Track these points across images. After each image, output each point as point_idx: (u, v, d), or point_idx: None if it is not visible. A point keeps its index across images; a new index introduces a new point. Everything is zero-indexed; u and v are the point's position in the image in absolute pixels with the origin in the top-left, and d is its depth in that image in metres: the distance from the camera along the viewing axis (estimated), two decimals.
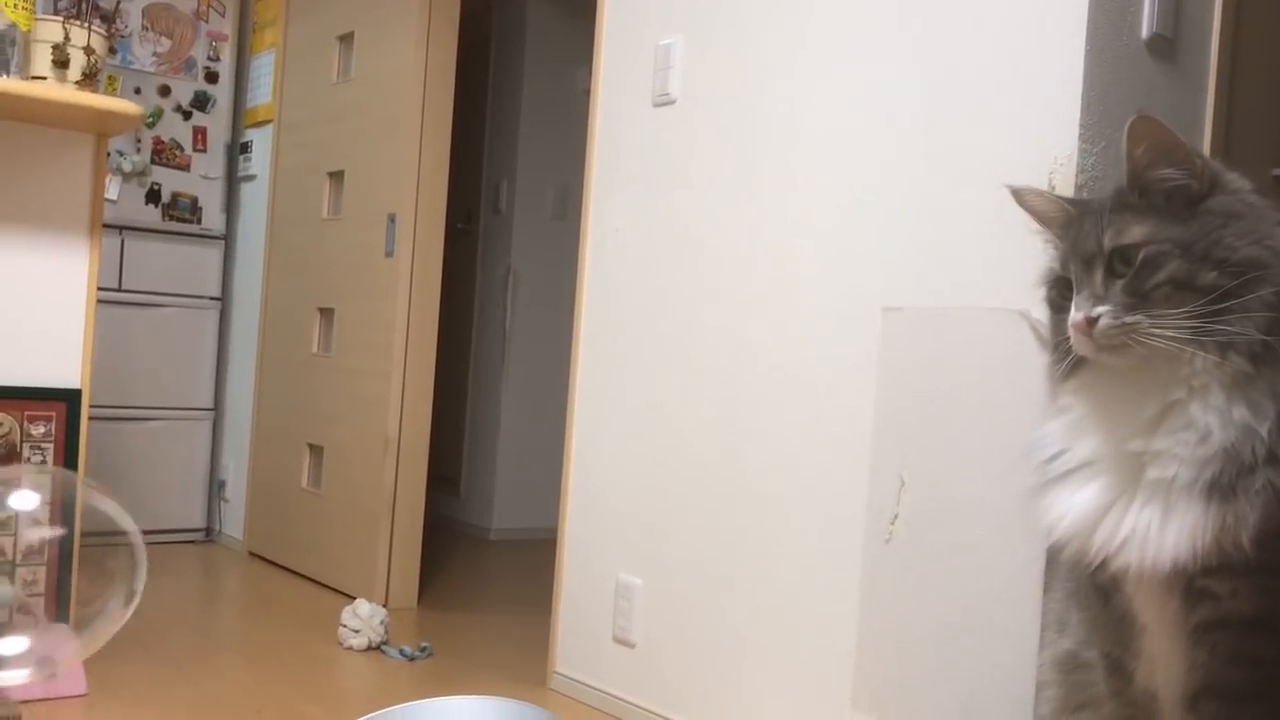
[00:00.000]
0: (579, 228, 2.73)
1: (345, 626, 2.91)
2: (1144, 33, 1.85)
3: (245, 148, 4.28)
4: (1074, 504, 1.21)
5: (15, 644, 0.56)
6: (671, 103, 2.46)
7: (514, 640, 3.09)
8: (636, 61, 2.57)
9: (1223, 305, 1.12)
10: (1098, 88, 1.78)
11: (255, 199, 4.22)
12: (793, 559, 2.15)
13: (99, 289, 3.32)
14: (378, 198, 3.50)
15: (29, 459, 2.50)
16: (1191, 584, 1.16)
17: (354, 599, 3.07)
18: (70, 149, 2.50)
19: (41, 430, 2.51)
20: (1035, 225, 1.36)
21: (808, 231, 2.16)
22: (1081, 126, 1.77)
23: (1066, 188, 1.77)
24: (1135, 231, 1.18)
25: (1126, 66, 1.84)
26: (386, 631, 2.93)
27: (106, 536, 2.21)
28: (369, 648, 2.89)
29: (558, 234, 4.88)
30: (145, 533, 4.08)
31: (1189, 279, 1.14)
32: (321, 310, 3.77)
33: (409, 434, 3.43)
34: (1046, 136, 1.80)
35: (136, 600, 0.56)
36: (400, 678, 2.70)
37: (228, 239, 4.29)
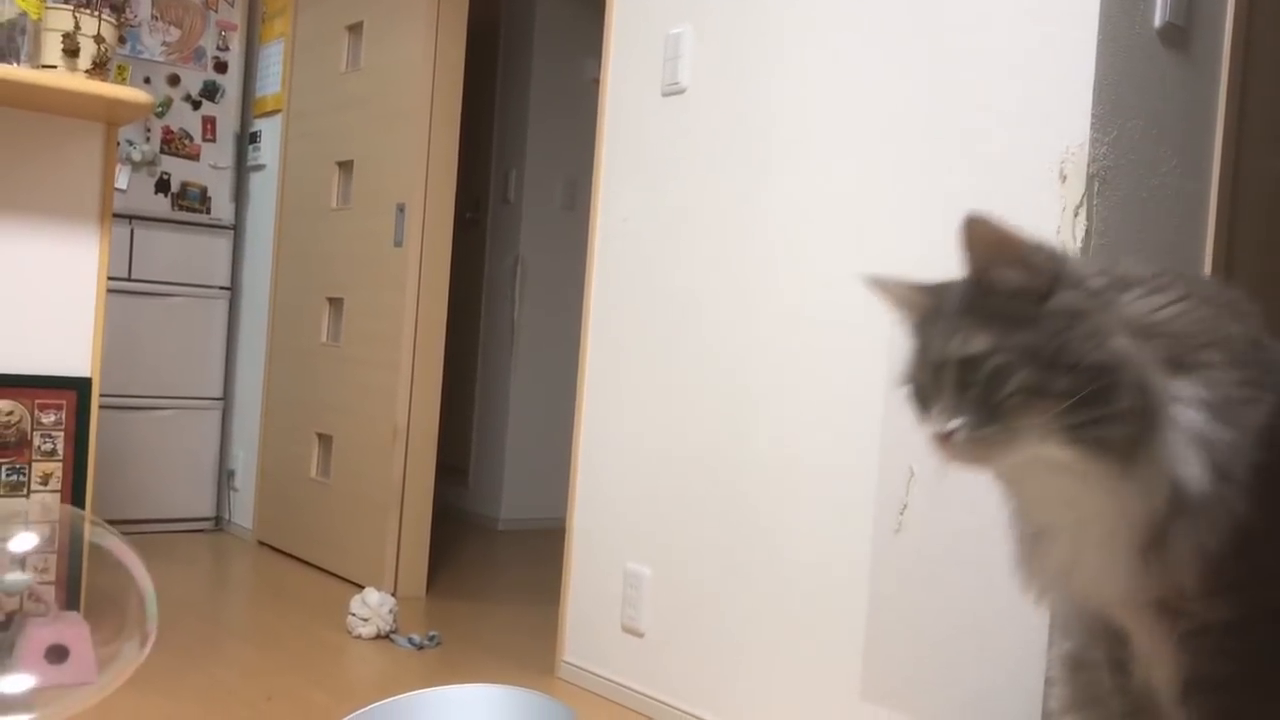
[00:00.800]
0: (588, 218, 2.73)
1: (354, 615, 2.92)
2: (1156, 21, 1.85)
3: (254, 137, 4.29)
4: (1044, 566, 1.23)
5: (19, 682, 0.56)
6: (681, 92, 2.46)
7: (522, 629, 3.10)
8: (646, 51, 2.56)
9: (1082, 411, 1.09)
10: (1110, 76, 1.78)
11: (264, 189, 4.22)
12: (802, 548, 2.15)
13: (109, 278, 3.32)
14: (386, 188, 3.50)
15: (39, 446, 2.51)
16: (1165, 608, 1.18)
17: (362, 588, 3.08)
18: (80, 138, 2.50)
19: (52, 418, 2.52)
20: (897, 315, 1.31)
21: (818, 220, 2.15)
22: (1093, 116, 1.76)
23: (1078, 177, 1.76)
24: (980, 340, 1.14)
25: (1139, 55, 1.83)
26: (395, 620, 2.94)
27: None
28: (378, 636, 2.89)
29: (566, 224, 4.88)
30: (154, 521, 4.10)
31: (1040, 387, 1.11)
32: (330, 300, 3.77)
33: (417, 424, 3.43)
34: (1058, 125, 1.79)
35: (151, 641, 0.56)
36: (409, 666, 2.70)
37: (237, 229, 4.30)
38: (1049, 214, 1.80)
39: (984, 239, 1.16)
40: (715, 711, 2.30)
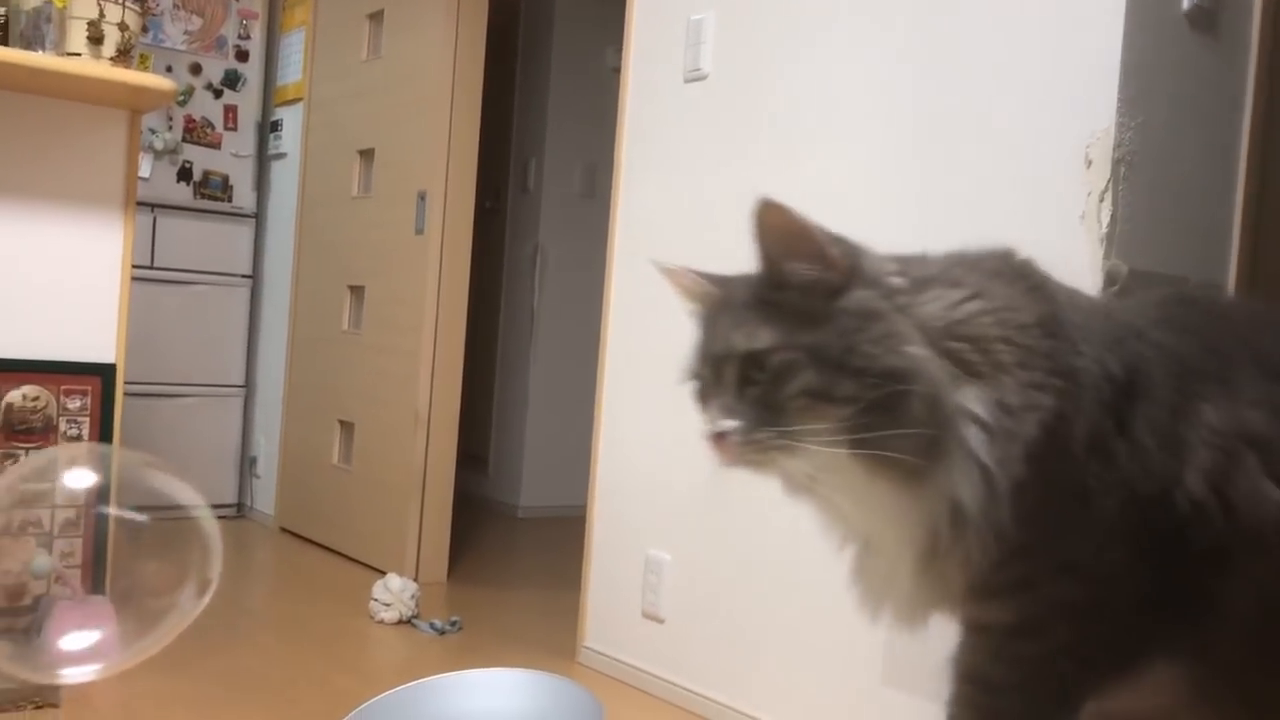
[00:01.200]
0: (607, 206, 2.73)
1: (376, 600, 2.93)
2: (1184, 3, 1.83)
3: (275, 126, 4.30)
4: (869, 581, 1.20)
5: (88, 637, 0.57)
6: (703, 78, 2.45)
7: (542, 615, 3.11)
8: (668, 36, 2.56)
9: (867, 419, 1.03)
10: (1137, 60, 1.77)
11: (286, 177, 4.24)
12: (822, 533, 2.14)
13: (132, 266, 3.33)
14: (407, 175, 3.51)
15: (65, 432, 2.52)
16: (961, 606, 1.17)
17: (384, 573, 3.09)
18: (104, 125, 2.51)
19: (77, 404, 2.53)
20: (687, 306, 1.24)
21: (842, 206, 2.15)
22: (1120, 100, 1.75)
23: (1104, 162, 1.75)
24: (765, 335, 1.06)
25: (1167, 38, 1.82)
26: (417, 605, 2.95)
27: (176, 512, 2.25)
28: (400, 621, 2.91)
29: (586, 212, 4.88)
30: (177, 507, 4.12)
31: (825, 390, 1.03)
32: (351, 288, 3.78)
33: (439, 410, 3.44)
34: (1083, 110, 1.78)
35: (212, 590, 0.55)
36: (431, 651, 2.72)
37: (258, 217, 4.31)
38: (1074, 200, 1.79)
39: (776, 228, 1.08)
40: (736, 696, 2.30)
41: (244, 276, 4.25)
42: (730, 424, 1.07)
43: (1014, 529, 1.06)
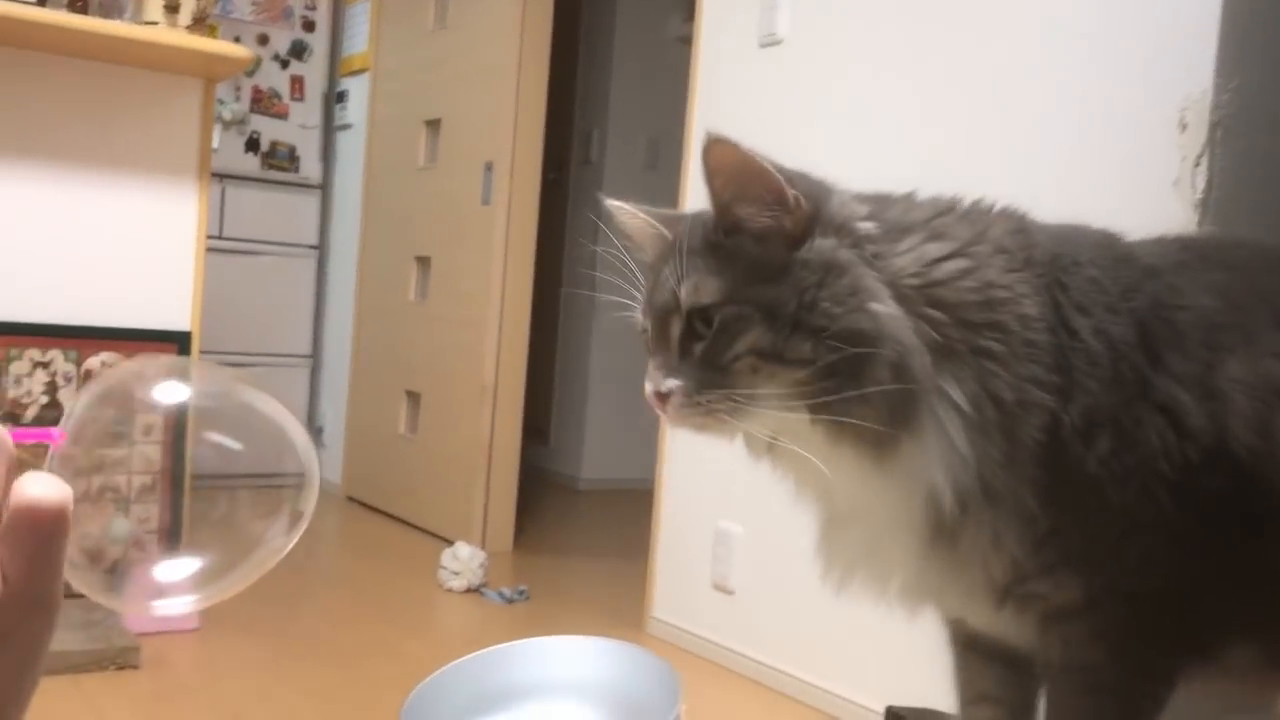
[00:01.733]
0: (670, 178, 2.70)
1: (445, 568, 2.95)
2: None
3: (341, 96, 4.32)
4: (839, 552, 1.10)
5: (182, 567, 0.55)
6: (778, 43, 2.41)
7: (608, 586, 3.11)
8: (741, 1, 2.52)
9: (829, 385, 0.92)
10: (1235, 21, 1.70)
11: (352, 148, 4.25)
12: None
13: None
14: (474, 146, 3.50)
15: (142, 400, 2.56)
16: (1010, 593, 1.05)
17: (450, 542, 3.11)
18: (179, 94, 2.53)
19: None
20: (637, 254, 1.12)
21: (920, 175, 2.10)
22: (1217, 61, 1.69)
23: (1199, 126, 1.70)
24: (712, 287, 0.96)
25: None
26: (485, 574, 2.97)
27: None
28: (468, 590, 2.92)
29: (649, 184, 4.85)
30: (245, 476, 4.17)
31: (776, 350, 0.93)
32: (418, 259, 3.80)
33: (504, 381, 3.45)
34: (1178, 72, 1.73)
35: (303, 524, 0.53)
36: (499, 619, 2.73)
37: (325, 187, 4.34)
38: (1167, 165, 1.74)
39: (728, 166, 0.97)
40: (807, 669, 2.29)
41: (310, 247, 4.29)
42: (671, 384, 0.98)
43: (1038, 511, 0.99)
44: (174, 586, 0.61)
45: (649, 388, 1.00)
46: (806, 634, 2.30)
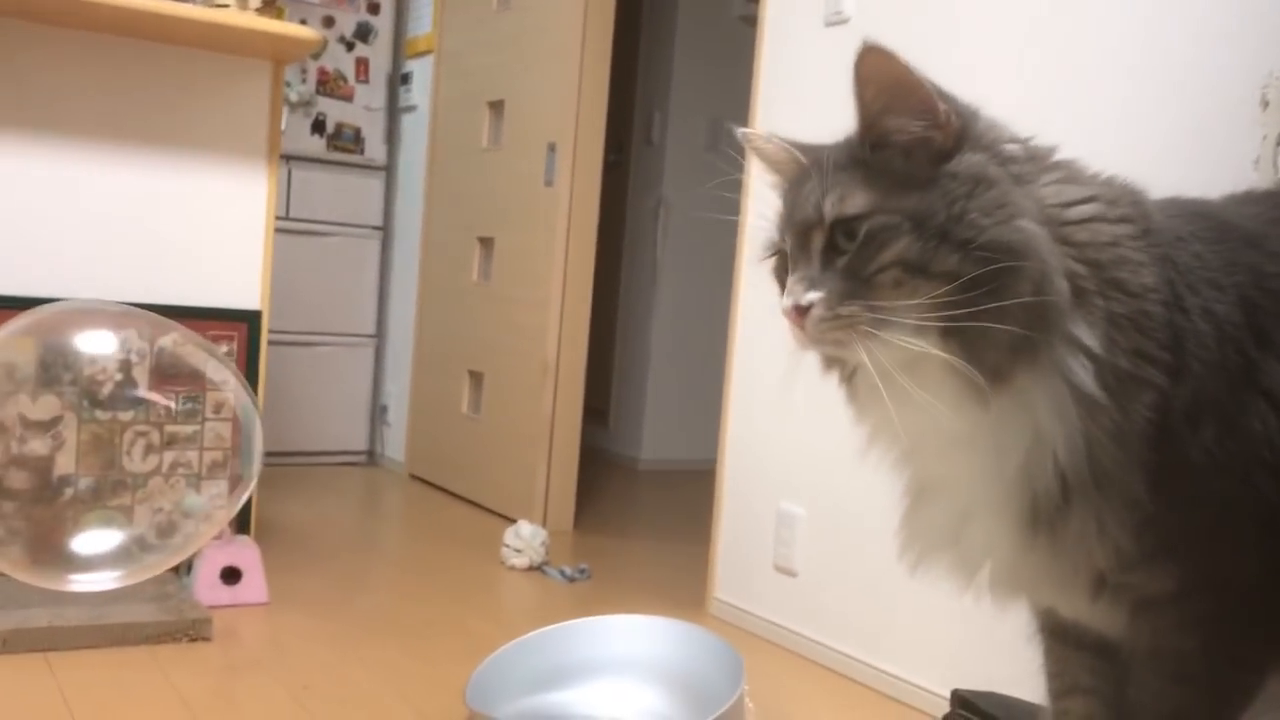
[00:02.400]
0: (731, 159, 2.69)
1: (508, 546, 2.98)
2: None
3: (406, 78, 4.34)
4: (923, 528, 1.06)
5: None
6: (845, 21, 2.39)
7: (669, 566, 3.12)
8: None
9: (966, 299, 0.89)
10: None
11: (416, 129, 4.28)
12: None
13: None
14: (537, 127, 3.51)
15: (210, 378, 2.60)
16: (1107, 583, 1.02)
17: (511, 521, 3.13)
18: (249, 76, 2.56)
19: (224, 349, 2.61)
20: (770, 179, 1.12)
21: None
22: None
23: (1279, 108, 1.66)
24: (859, 199, 0.94)
25: None
26: (547, 553, 2.99)
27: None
28: (530, 568, 2.95)
29: (711, 165, 4.83)
30: (310, 454, 4.24)
31: (922, 262, 0.91)
32: (481, 239, 3.82)
33: (566, 361, 3.46)
34: (1260, 49, 1.68)
35: (248, 489, 0.52)
36: (561, 597, 2.75)
37: (389, 169, 4.37)
38: (1244, 144, 1.70)
39: (879, 77, 0.97)
40: (870, 651, 2.28)
41: (375, 228, 4.33)
42: (813, 295, 0.95)
43: (1144, 497, 0.96)
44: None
45: (788, 302, 0.97)
46: (870, 617, 2.29)
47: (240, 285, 2.59)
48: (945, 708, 1.90)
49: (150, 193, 2.48)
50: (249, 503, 2.63)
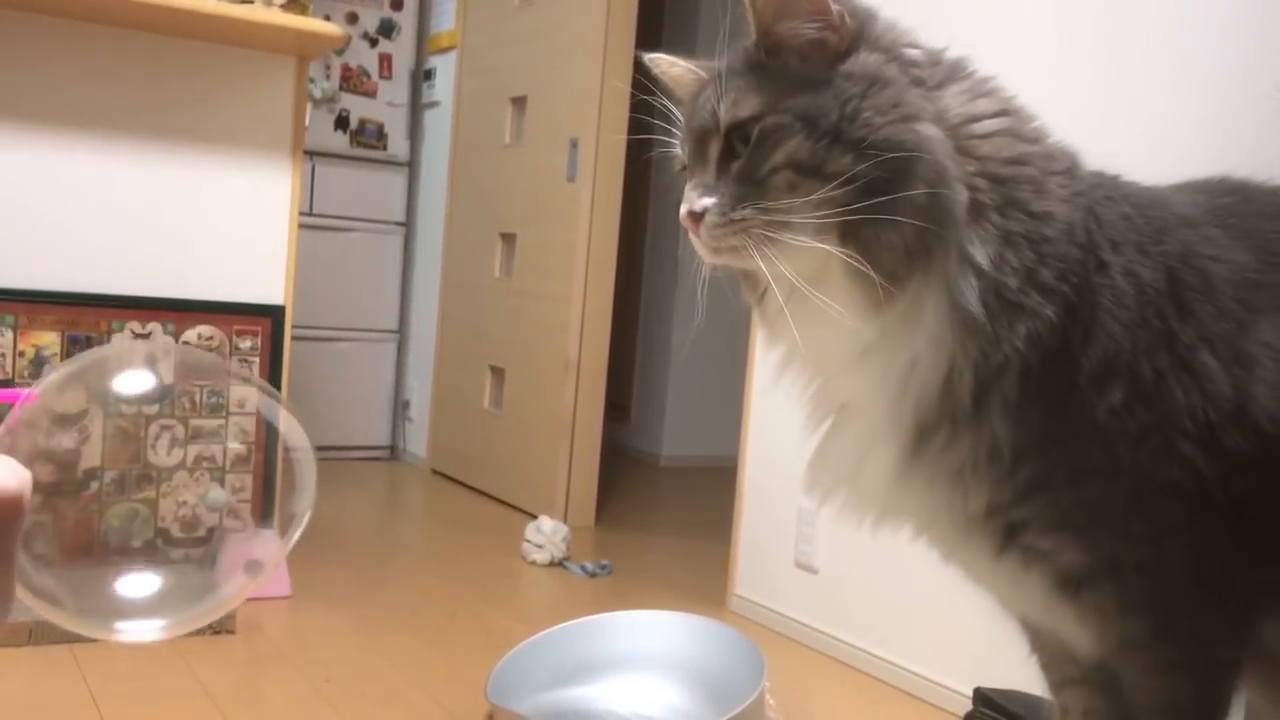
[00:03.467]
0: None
1: (529, 541, 2.98)
2: None
3: (429, 74, 4.35)
4: (827, 460, 1.04)
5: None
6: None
7: (690, 562, 3.12)
8: None
9: (861, 199, 0.87)
10: None
11: (438, 125, 4.29)
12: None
13: None
14: (559, 123, 3.51)
15: (235, 374, 2.62)
16: (1009, 543, 0.97)
17: (533, 516, 3.14)
18: (274, 72, 2.57)
19: (248, 344, 2.62)
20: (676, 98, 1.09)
21: None
22: None
23: None
24: (753, 101, 0.92)
25: None
26: (568, 548, 2.99)
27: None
28: (551, 563, 2.95)
29: None
30: (333, 449, 4.26)
31: (814, 162, 0.89)
32: (503, 235, 3.82)
33: (588, 357, 3.46)
34: None
35: (301, 527, 0.51)
36: (582, 593, 2.75)
37: (412, 165, 4.38)
38: (1271, 135, 1.68)
39: None
40: (892, 649, 2.27)
41: (398, 224, 4.34)
42: (707, 201, 0.93)
43: (1004, 441, 0.92)
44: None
45: (683, 209, 0.95)
46: (891, 614, 2.28)
47: (264, 280, 2.60)
48: (968, 705, 1.90)
49: (175, 188, 2.49)
50: (272, 496, 2.64)
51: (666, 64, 1.07)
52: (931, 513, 1.00)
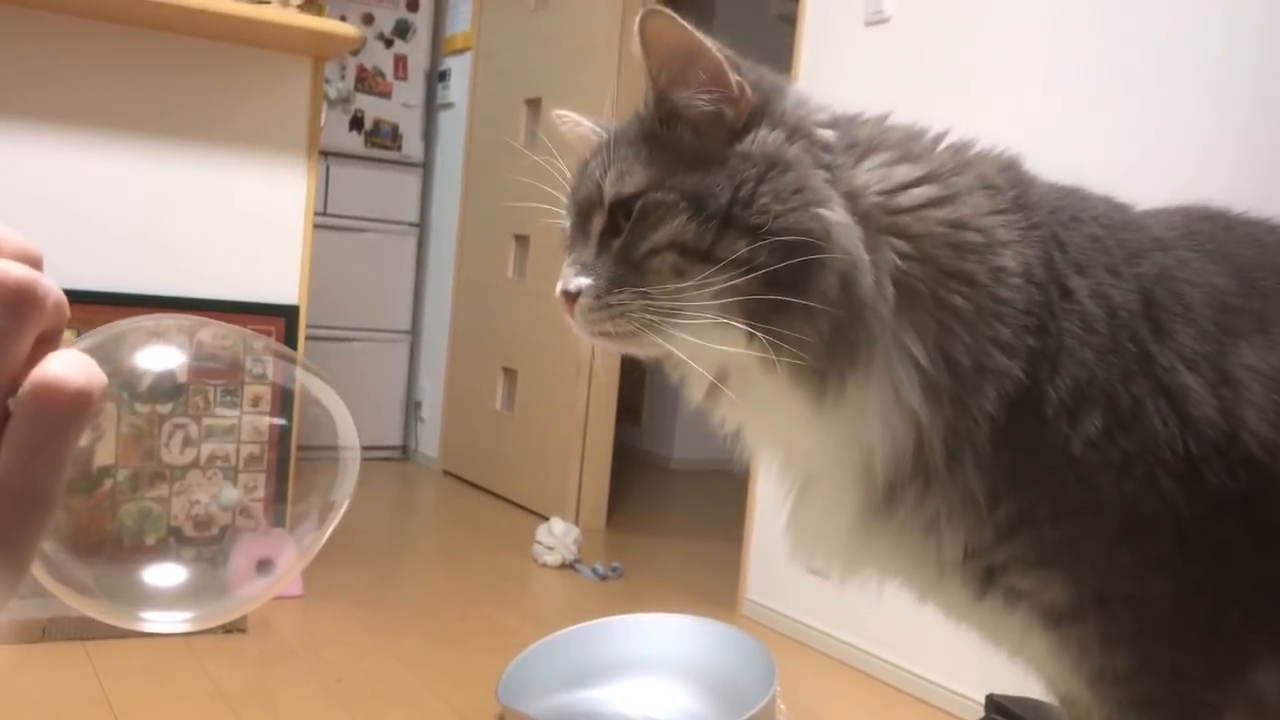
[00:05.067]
0: None
1: (540, 543, 2.98)
2: None
3: (444, 75, 4.36)
4: (800, 522, 0.97)
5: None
6: (885, 21, 2.37)
7: (701, 565, 3.11)
8: None
9: (764, 292, 0.80)
10: None
11: (453, 126, 4.30)
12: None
13: None
14: None
15: (250, 370, 2.62)
16: (989, 585, 0.92)
17: (544, 518, 3.14)
18: (290, 72, 2.58)
19: (262, 344, 2.63)
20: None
21: (1031, 153, 2.05)
22: None
23: None
24: (639, 176, 0.85)
25: None
26: (579, 550, 2.99)
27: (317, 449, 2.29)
28: (562, 565, 2.95)
29: None
30: (345, 448, 4.25)
31: (701, 245, 0.81)
32: (516, 237, 3.82)
33: (600, 360, 3.46)
34: None
35: (336, 516, 0.50)
36: (593, 595, 2.75)
37: (426, 166, 4.39)
38: None
39: (666, 43, 0.86)
40: (904, 656, 2.26)
41: (411, 224, 4.35)
42: (581, 281, 0.86)
43: (984, 499, 0.87)
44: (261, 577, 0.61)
45: (558, 287, 0.88)
46: (904, 620, 2.27)
47: (279, 280, 2.60)
48: (980, 712, 1.89)
49: (190, 187, 2.50)
50: (286, 495, 2.64)
51: (573, 122, 1.00)
52: (904, 563, 0.95)
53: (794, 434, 0.90)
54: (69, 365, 0.39)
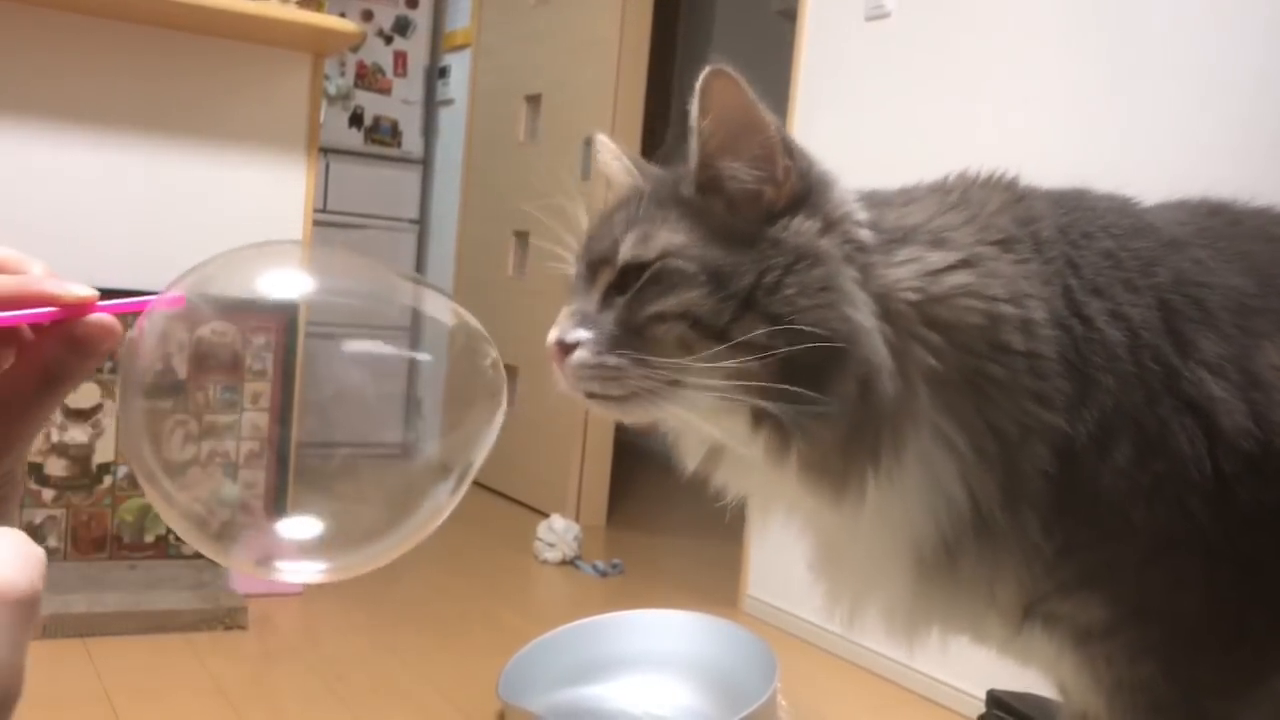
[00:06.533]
0: None
1: (541, 540, 2.98)
2: None
3: (444, 72, 4.35)
4: (838, 579, 0.97)
5: (306, 527, 0.51)
6: (885, 16, 2.37)
7: (702, 562, 3.11)
8: None
9: (772, 376, 0.77)
10: None
11: (453, 123, 4.29)
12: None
13: None
14: (574, 121, 3.51)
15: (250, 366, 2.62)
16: (1029, 614, 0.91)
17: (544, 515, 3.14)
18: (290, 68, 2.57)
19: (262, 341, 2.62)
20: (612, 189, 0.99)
21: (1030, 148, 2.05)
22: None
23: None
24: (660, 241, 0.82)
25: None
26: (579, 547, 2.99)
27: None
28: (563, 562, 2.95)
29: None
30: (345, 445, 4.25)
31: (716, 322, 0.78)
32: (517, 233, 3.82)
33: None
34: None
35: (472, 472, 0.49)
36: (594, 592, 2.75)
37: (426, 162, 4.39)
38: None
39: (725, 108, 0.83)
40: (905, 652, 2.26)
41: (411, 221, 4.34)
42: (581, 334, 0.82)
43: (1042, 540, 0.86)
44: (299, 551, 0.61)
45: (552, 335, 0.84)
46: None
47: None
48: (981, 708, 1.89)
49: (190, 183, 2.49)
50: (285, 489, 2.64)
51: (611, 154, 0.96)
52: (963, 615, 0.94)
53: (817, 525, 0.89)
54: (10, 568, 0.39)
